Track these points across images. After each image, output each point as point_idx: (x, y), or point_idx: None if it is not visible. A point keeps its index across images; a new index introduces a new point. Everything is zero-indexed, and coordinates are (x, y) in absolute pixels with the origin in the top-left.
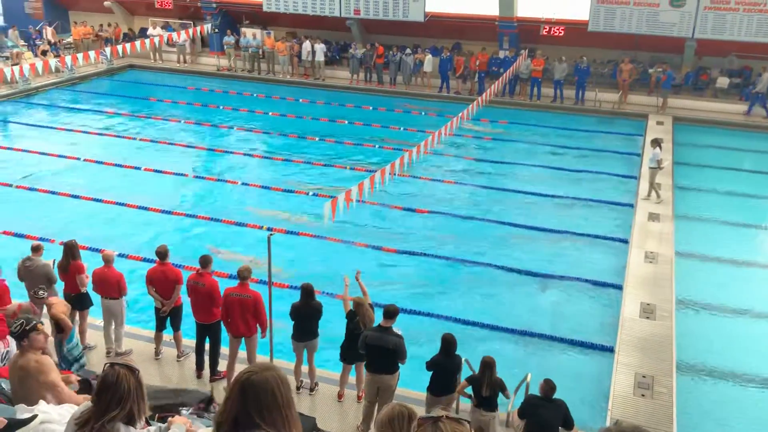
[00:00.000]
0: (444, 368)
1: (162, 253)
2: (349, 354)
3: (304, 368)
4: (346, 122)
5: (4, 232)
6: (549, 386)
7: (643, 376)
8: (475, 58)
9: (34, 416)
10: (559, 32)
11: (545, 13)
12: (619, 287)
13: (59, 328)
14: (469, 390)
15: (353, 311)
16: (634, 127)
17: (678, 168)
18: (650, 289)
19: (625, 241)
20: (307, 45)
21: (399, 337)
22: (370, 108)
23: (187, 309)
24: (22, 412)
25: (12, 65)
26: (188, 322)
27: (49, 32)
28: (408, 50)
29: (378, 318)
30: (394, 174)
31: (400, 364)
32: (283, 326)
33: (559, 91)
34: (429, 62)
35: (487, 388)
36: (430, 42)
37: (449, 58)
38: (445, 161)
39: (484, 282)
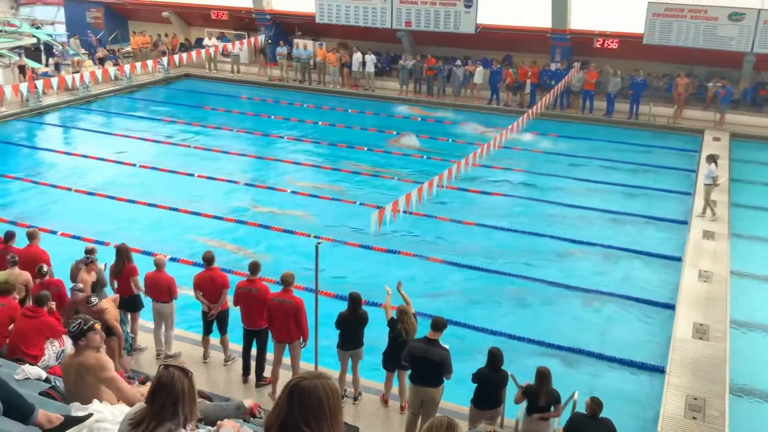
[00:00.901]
0: (490, 382)
1: (209, 259)
2: (390, 362)
3: (348, 377)
4: (395, 133)
5: (62, 234)
6: (596, 404)
7: (695, 399)
8: (526, 71)
9: (90, 414)
10: (613, 45)
11: (599, 25)
12: (672, 306)
13: (108, 332)
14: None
15: (395, 319)
16: (690, 142)
17: (734, 185)
18: (703, 309)
19: (679, 259)
20: (357, 56)
21: (445, 351)
22: (419, 119)
23: (234, 314)
24: (76, 410)
25: (73, 73)
26: (234, 324)
27: (72, 43)
28: (458, 62)
29: (423, 329)
30: (442, 185)
31: (445, 379)
32: (328, 334)
33: (611, 105)
34: (479, 74)
35: (545, 398)
36: (480, 54)
37: (499, 70)
38: (493, 173)
39: (531, 296)
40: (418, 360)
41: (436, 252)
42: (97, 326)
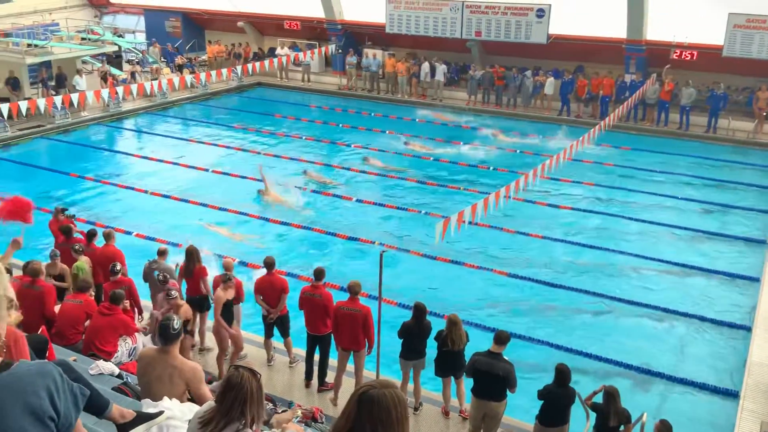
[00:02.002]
0: (557, 399)
1: (269, 264)
2: (440, 369)
3: (410, 387)
4: (461, 143)
5: (136, 234)
6: (665, 427)
7: None
8: (599, 82)
9: (161, 412)
10: (691, 56)
11: (676, 36)
12: (748, 329)
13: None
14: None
15: (443, 329)
16: None
17: None
18: None
19: (757, 280)
20: (425, 66)
21: (510, 365)
22: (486, 129)
23: (298, 318)
24: (147, 406)
25: (151, 80)
26: (296, 328)
27: (151, 51)
28: (528, 72)
29: (483, 342)
30: (509, 197)
31: (509, 393)
32: (390, 343)
33: (685, 118)
34: (550, 85)
35: (615, 417)
36: (551, 64)
37: (571, 81)
38: (562, 186)
39: (599, 313)
40: (481, 374)
41: (500, 264)
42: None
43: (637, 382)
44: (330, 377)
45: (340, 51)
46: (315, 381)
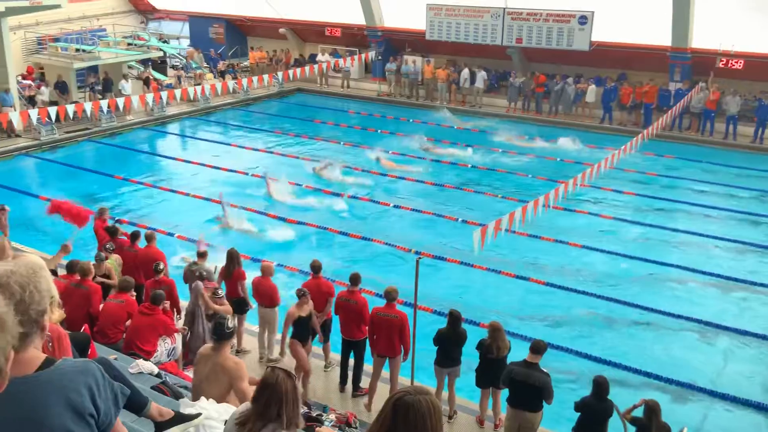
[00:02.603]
0: (594, 411)
1: (316, 267)
2: (483, 379)
3: (444, 395)
4: (500, 150)
5: (178, 236)
6: None
7: None
8: (642, 90)
9: (199, 414)
10: (738, 65)
11: (723, 44)
12: None
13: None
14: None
15: (485, 338)
16: None
17: None
18: None
19: None
20: (465, 72)
21: (546, 375)
22: (526, 137)
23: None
24: (185, 406)
25: (195, 85)
26: (335, 334)
27: (196, 57)
28: (570, 79)
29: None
30: (548, 205)
31: (545, 404)
32: (425, 349)
33: (732, 127)
34: (592, 92)
35: None
36: (593, 71)
37: (614, 89)
38: (603, 195)
39: (640, 326)
40: (518, 384)
41: (538, 273)
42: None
43: (678, 397)
44: (365, 383)
45: (379, 57)
46: (349, 386)
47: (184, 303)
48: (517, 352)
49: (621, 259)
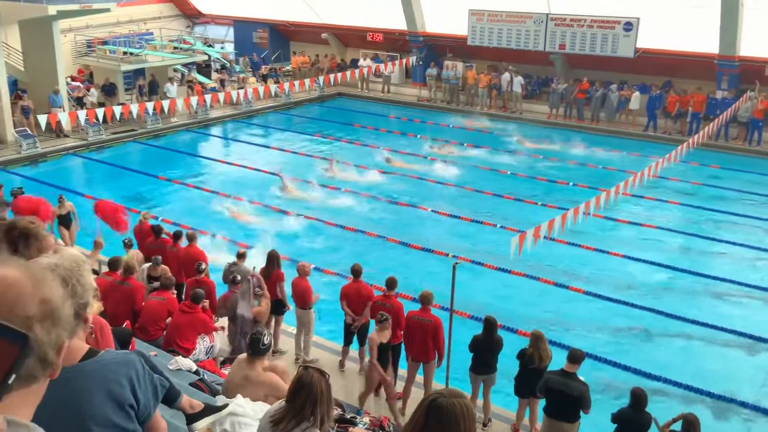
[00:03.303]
0: (631, 424)
1: (356, 271)
2: (523, 388)
3: (479, 402)
4: (540, 157)
5: (221, 237)
6: None
7: None
8: (689, 98)
9: (226, 405)
10: None
11: None
12: None
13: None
14: None
15: (526, 347)
16: None
17: None
18: None
19: None
20: (506, 76)
21: (584, 385)
22: (567, 144)
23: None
24: (221, 403)
25: (238, 88)
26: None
27: (241, 61)
28: (613, 86)
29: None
30: (589, 213)
31: (583, 413)
32: (461, 355)
33: None
34: (636, 99)
35: None
36: (638, 78)
37: (658, 96)
38: (646, 204)
39: (680, 338)
40: (555, 393)
41: (577, 282)
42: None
43: (718, 411)
44: (399, 387)
45: (420, 63)
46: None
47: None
48: (555, 361)
49: (663, 269)
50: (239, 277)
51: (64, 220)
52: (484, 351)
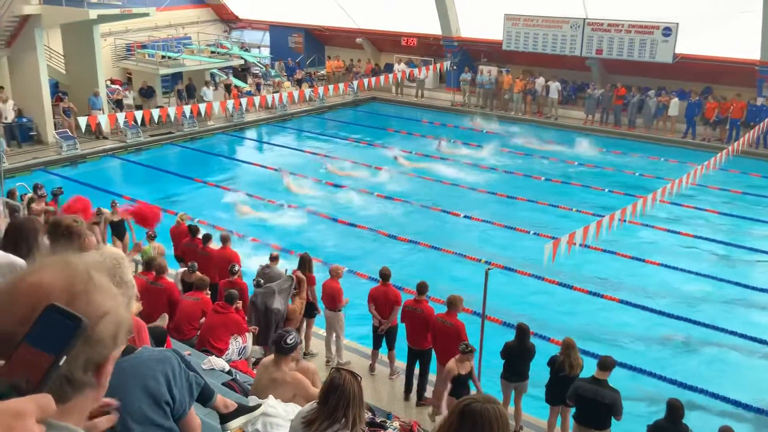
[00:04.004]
0: None
1: (385, 275)
2: (554, 396)
3: (510, 409)
4: (576, 163)
5: (252, 239)
6: None
7: None
8: (728, 104)
9: (259, 405)
10: None
11: None
12: None
13: None
14: None
15: (557, 354)
16: None
17: None
18: None
19: None
20: (540, 80)
21: (615, 392)
22: (604, 150)
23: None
24: (253, 403)
25: (273, 92)
26: (402, 342)
27: (276, 66)
28: (651, 92)
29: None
30: (624, 220)
31: (614, 420)
32: (492, 361)
33: None
34: (675, 106)
35: None
36: (677, 84)
37: (698, 103)
38: (684, 212)
39: (719, 349)
40: (586, 401)
41: (612, 290)
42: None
43: (757, 425)
44: (429, 392)
45: (455, 67)
46: (414, 394)
47: None
48: (588, 370)
49: (701, 279)
50: (263, 281)
51: (117, 227)
52: (516, 358)
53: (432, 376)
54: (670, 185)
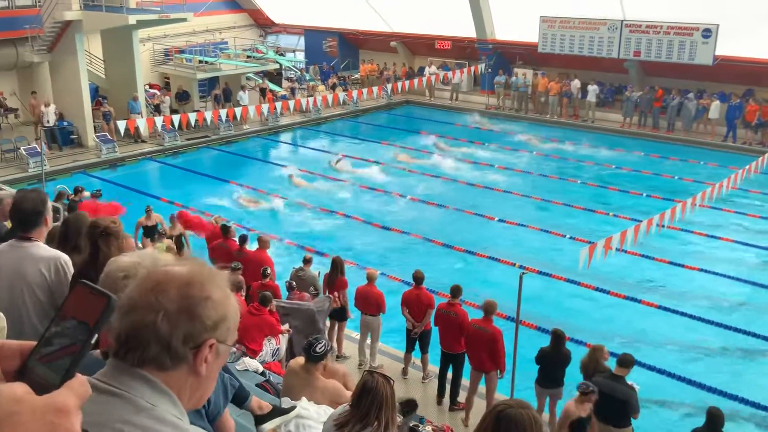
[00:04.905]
0: None
1: (418, 278)
2: None
3: (545, 416)
4: (613, 167)
5: (288, 242)
6: None
7: None
8: None
9: (293, 407)
10: None
11: None
12: None
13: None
14: None
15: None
16: None
17: None
18: None
19: None
20: (576, 83)
21: (632, 389)
22: (642, 153)
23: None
24: (286, 404)
25: (307, 96)
26: (435, 345)
27: (311, 69)
28: (690, 95)
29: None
30: (663, 225)
31: (632, 419)
32: (526, 366)
33: None
34: (715, 108)
35: None
36: (717, 87)
37: (739, 106)
38: (724, 217)
39: (759, 356)
40: (602, 396)
41: (650, 295)
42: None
43: None
44: (462, 397)
45: (489, 70)
46: (447, 399)
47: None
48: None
49: (741, 284)
50: (295, 284)
51: (150, 231)
52: (551, 364)
53: (465, 381)
54: (710, 189)
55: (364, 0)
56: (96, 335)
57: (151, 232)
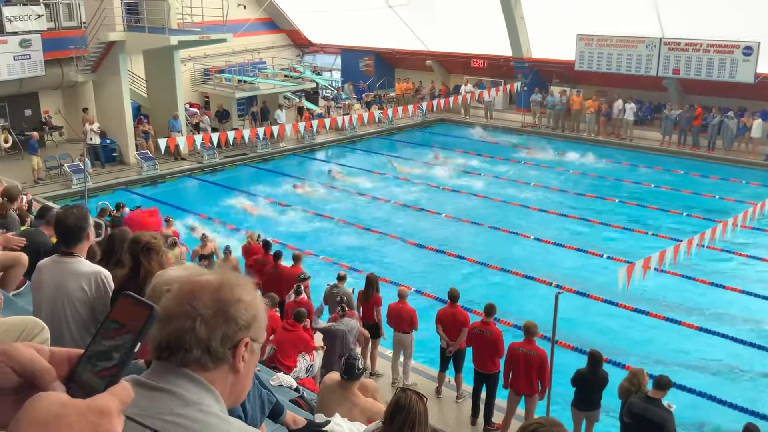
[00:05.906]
0: None
1: (453, 296)
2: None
3: None
4: (652, 186)
5: (323, 258)
6: None
7: None
8: None
9: (327, 422)
10: None
11: None
12: None
13: None
14: None
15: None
16: None
17: None
18: None
19: None
20: (618, 103)
21: (668, 412)
22: (681, 172)
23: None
24: (319, 419)
25: (343, 115)
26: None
27: (346, 88)
28: (731, 113)
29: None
30: (703, 245)
31: None
32: (561, 388)
33: None
34: (758, 127)
35: None
36: (759, 105)
37: None
38: (766, 238)
39: None
40: (636, 418)
41: (690, 317)
42: None
43: None
44: (496, 417)
45: (525, 88)
46: (481, 419)
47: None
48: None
49: None
50: (345, 298)
51: (206, 259)
52: (588, 386)
53: (499, 401)
54: (752, 209)
55: (401, 20)
56: (139, 344)
57: (206, 260)
